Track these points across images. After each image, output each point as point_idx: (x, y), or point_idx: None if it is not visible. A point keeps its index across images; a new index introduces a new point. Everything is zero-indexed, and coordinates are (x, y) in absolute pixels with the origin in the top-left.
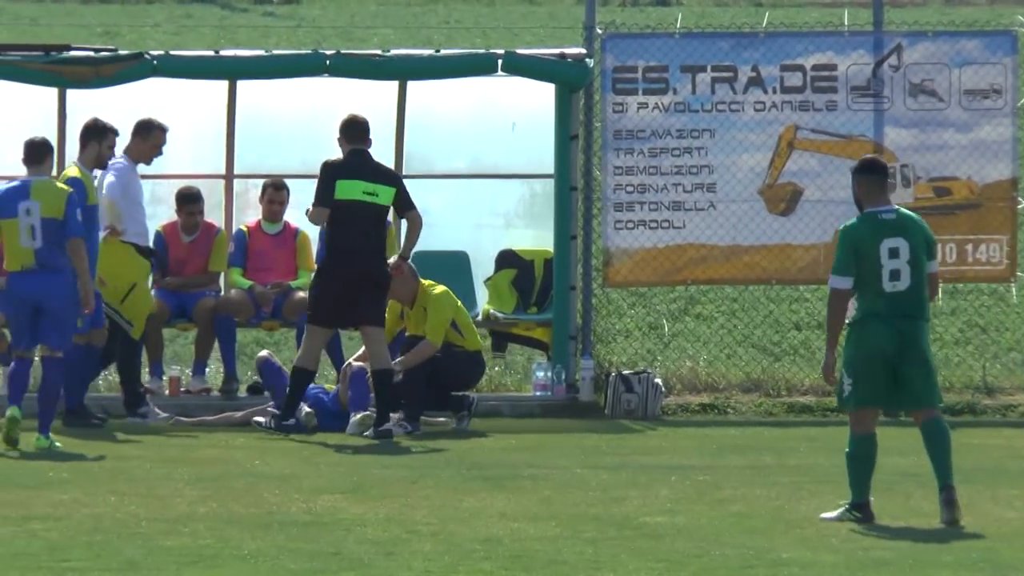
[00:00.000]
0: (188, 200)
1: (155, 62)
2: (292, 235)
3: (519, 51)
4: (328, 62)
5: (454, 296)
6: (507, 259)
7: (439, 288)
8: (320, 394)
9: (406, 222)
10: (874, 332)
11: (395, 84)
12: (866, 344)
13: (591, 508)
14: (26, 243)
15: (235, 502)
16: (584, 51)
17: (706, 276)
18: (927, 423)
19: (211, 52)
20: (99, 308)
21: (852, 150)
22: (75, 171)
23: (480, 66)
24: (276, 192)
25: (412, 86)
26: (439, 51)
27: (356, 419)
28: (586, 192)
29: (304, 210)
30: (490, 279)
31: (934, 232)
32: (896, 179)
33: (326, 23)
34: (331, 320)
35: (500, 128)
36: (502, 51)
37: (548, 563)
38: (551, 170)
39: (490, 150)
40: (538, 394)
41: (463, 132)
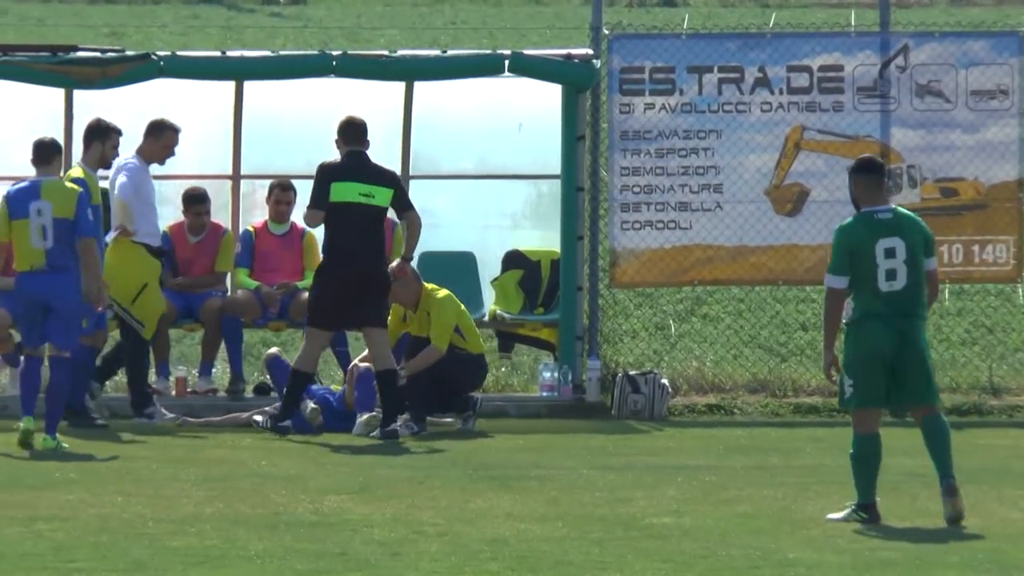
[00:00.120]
0: (195, 201)
1: (162, 63)
2: (299, 236)
3: (526, 52)
4: (335, 63)
5: (457, 300)
6: (514, 260)
7: (442, 292)
8: (326, 395)
9: (406, 223)
10: (873, 332)
11: (402, 85)
12: (865, 344)
13: (597, 509)
14: (37, 243)
15: (242, 503)
16: (591, 52)
17: (713, 277)
18: (926, 419)
19: (218, 53)
20: (102, 310)
21: (859, 151)
22: (79, 171)
23: (487, 67)
24: (283, 193)
25: (419, 87)
26: (446, 52)
27: (363, 420)
28: (593, 193)
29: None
30: (497, 280)
31: (941, 233)
32: (903, 180)
33: (333, 24)
34: (331, 322)
35: (507, 129)
36: (509, 52)
37: (554, 564)
38: (558, 171)
39: (497, 151)
40: (545, 395)
41: (470, 133)
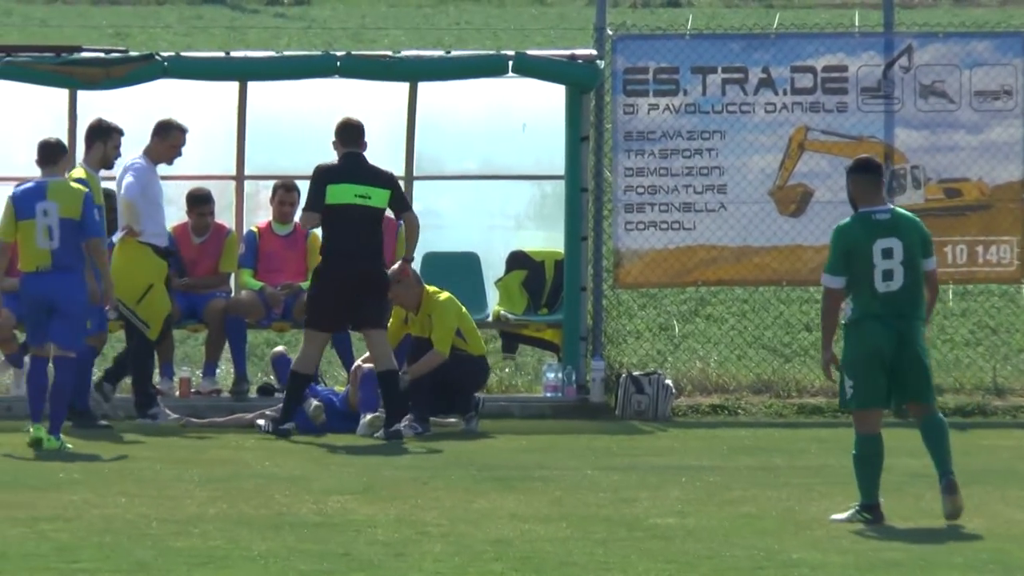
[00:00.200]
0: (199, 201)
1: (166, 63)
2: (303, 236)
3: (530, 52)
4: (339, 63)
5: (458, 302)
6: (518, 260)
7: (443, 295)
8: (330, 396)
9: (404, 224)
10: (872, 332)
11: (406, 85)
12: (865, 344)
13: (602, 509)
14: (43, 244)
15: (245, 503)
16: (595, 52)
17: (716, 277)
18: (924, 418)
19: (222, 53)
20: (103, 312)
21: (862, 151)
22: (81, 172)
23: (491, 67)
24: (287, 193)
25: (423, 87)
26: (450, 52)
27: (367, 420)
28: (597, 193)
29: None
30: (501, 280)
31: (945, 233)
32: (907, 180)
33: (337, 24)
34: (328, 324)
35: (511, 129)
36: (513, 52)
37: (559, 564)
38: (562, 171)
39: (501, 151)
40: (548, 395)
41: (474, 133)
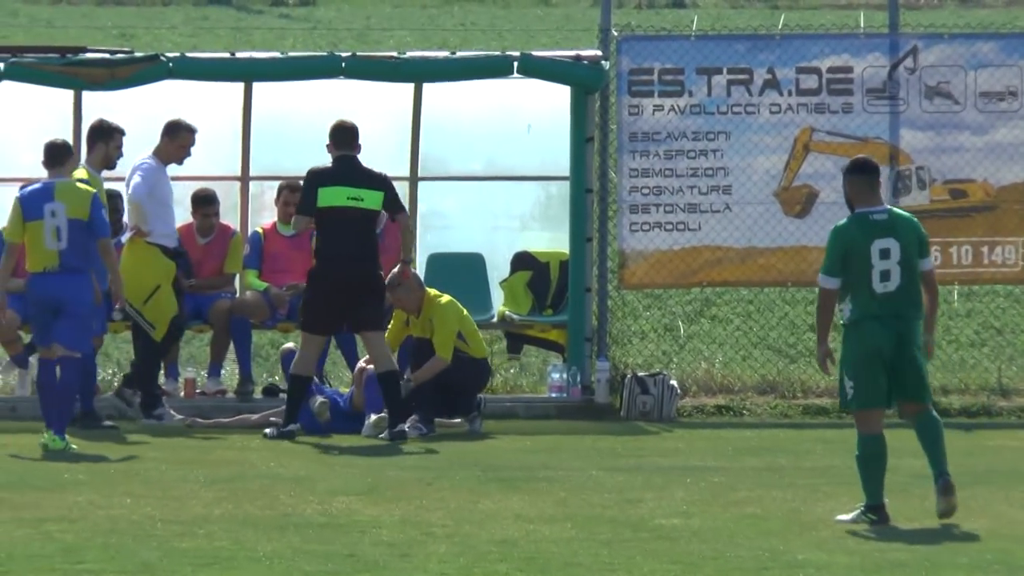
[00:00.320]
0: (204, 202)
1: (171, 64)
2: (307, 237)
3: (535, 53)
4: (344, 64)
5: (459, 305)
6: (522, 261)
7: (445, 298)
8: (335, 396)
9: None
10: (871, 332)
11: (411, 86)
12: (864, 345)
13: (606, 510)
14: (51, 244)
15: (250, 504)
16: (600, 53)
17: (721, 278)
18: (919, 417)
19: (227, 54)
20: (103, 314)
21: (868, 152)
22: (83, 173)
23: (496, 68)
24: (291, 194)
25: (428, 88)
26: (455, 53)
27: (371, 421)
28: (602, 194)
29: None
30: (505, 281)
31: (950, 234)
32: (912, 181)
33: (342, 25)
34: (324, 327)
35: (516, 130)
36: (518, 53)
37: (563, 565)
38: (567, 172)
39: (506, 152)
40: (553, 396)
41: (479, 134)
